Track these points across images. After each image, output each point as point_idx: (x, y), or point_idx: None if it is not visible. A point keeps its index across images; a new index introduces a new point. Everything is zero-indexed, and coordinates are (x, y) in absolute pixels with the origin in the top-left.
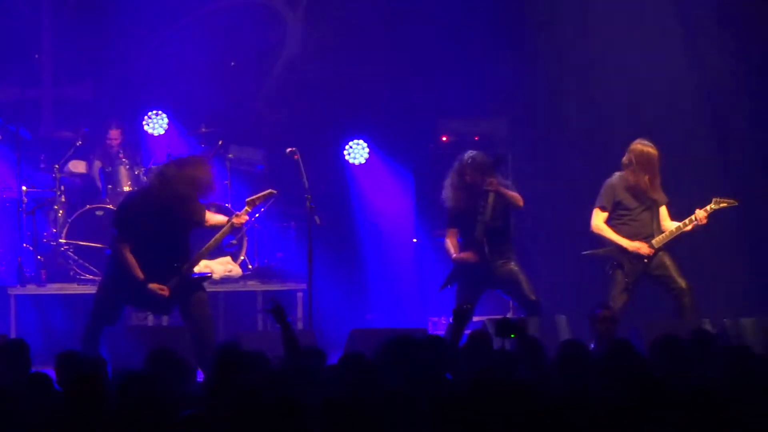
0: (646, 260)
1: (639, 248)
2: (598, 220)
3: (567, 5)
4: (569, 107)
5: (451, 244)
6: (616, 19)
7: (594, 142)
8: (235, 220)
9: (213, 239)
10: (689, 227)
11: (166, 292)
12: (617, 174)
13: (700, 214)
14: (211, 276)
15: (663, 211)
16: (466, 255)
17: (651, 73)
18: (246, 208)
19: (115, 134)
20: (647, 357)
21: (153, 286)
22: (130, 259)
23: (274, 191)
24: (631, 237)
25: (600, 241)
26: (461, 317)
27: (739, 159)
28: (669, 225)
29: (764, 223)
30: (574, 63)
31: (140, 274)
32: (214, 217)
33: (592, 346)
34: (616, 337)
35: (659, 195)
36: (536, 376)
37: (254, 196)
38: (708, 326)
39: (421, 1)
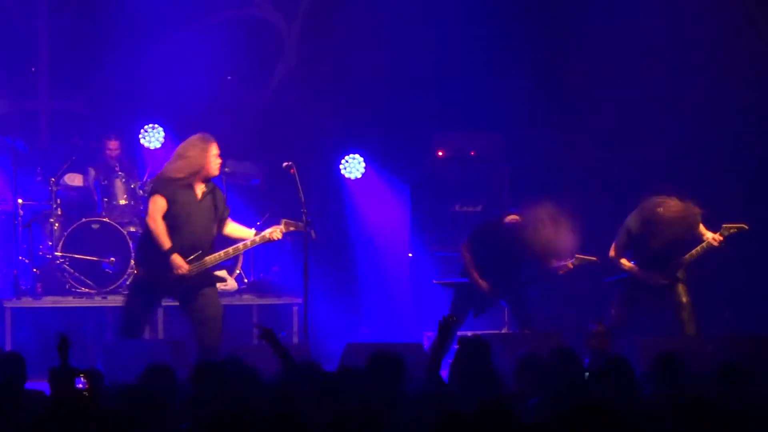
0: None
1: (653, 280)
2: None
3: (564, 17)
4: (567, 121)
5: (473, 260)
6: (615, 29)
7: (592, 156)
8: (270, 235)
9: (242, 244)
10: (701, 253)
11: (185, 269)
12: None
13: (713, 242)
14: (225, 281)
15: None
16: (485, 285)
17: (652, 85)
18: (282, 226)
19: (113, 145)
20: (643, 373)
21: (176, 258)
22: (162, 226)
23: (309, 226)
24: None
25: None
26: (447, 329)
27: (745, 169)
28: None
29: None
30: (571, 76)
31: (168, 242)
32: (236, 230)
33: (587, 361)
34: (612, 352)
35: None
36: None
37: (293, 223)
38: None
39: (419, 15)
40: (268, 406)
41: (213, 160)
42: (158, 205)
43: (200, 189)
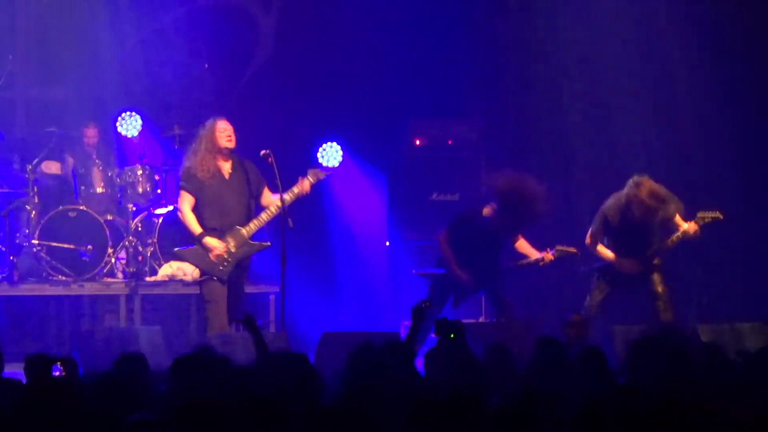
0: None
1: (630, 267)
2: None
3: (540, 7)
4: (543, 109)
5: (452, 253)
6: (590, 21)
7: (567, 144)
8: (299, 189)
9: (274, 206)
10: (677, 242)
11: (222, 249)
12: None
13: (689, 231)
14: (269, 245)
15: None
16: (466, 277)
17: (626, 77)
18: (309, 177)
19: (91, 133)
20: (619, 362)
21: (208, 240)
22: (190, 216)
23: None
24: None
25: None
26: (420, 315)
27: (723, 162)
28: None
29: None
30: (547, 65)
31: (198, 228)
32: (270, 198)
33: None
34: (588, 342)
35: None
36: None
37: (318, 170)
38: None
39: (394, 3)
40: (239, 395)
41: (220, 134)
42: (185, 199)
43: (226, 167)
